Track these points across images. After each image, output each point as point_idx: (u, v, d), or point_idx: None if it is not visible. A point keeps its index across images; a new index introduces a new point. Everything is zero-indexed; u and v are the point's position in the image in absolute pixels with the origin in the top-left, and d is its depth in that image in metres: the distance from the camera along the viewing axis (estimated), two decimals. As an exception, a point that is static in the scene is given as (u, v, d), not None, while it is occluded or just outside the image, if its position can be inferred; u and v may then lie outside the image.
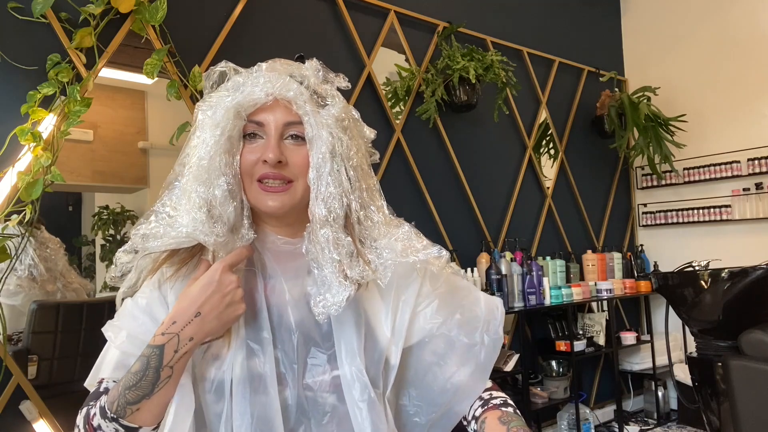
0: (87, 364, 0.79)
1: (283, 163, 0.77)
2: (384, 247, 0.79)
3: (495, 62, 2.91)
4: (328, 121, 0.78)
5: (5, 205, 1.72)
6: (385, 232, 0.81)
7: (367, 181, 0.83)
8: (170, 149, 2.09)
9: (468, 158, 3.11)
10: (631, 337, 3.41)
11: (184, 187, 0.77)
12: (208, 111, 0.78)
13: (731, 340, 2.23)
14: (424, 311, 0.85)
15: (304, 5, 2.58)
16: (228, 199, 0.76)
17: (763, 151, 3.42)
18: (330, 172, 0.77)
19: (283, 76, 0.79)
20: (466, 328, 0.86)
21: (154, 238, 0.76)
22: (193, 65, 2.12)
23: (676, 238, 3.86)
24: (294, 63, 0.84)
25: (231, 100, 0.77)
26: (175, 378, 0.72)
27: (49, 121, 1.78)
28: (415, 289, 0.85)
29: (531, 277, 2.92)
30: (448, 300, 0.87)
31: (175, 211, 0.77)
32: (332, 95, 0.82)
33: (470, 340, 0.86)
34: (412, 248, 0.80)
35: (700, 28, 3.77)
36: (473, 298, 0.90)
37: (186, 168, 0.78)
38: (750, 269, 2.22)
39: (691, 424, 3.32)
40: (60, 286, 1.93)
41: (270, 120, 0.78)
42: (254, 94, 0.77)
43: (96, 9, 1.87)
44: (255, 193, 0.78)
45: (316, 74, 0.82)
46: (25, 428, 1.73)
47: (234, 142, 0.77)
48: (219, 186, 0.75)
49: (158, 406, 0.72)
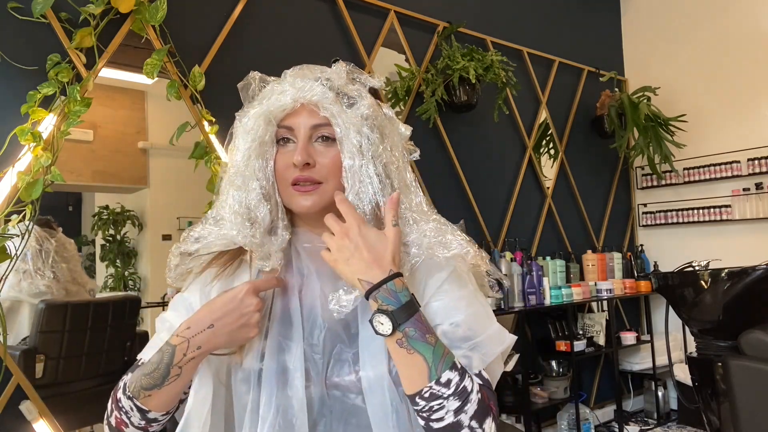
0: (92, 364, 0.82)
1: (311, 165, 0.80)
2: (412, 243, 0.80)
3: (495, 62, 2.91)
4: (355, 120, 0.80)
5: (5, 205, 1.72)
6: (415, 228, 0.81)
7: (402, 176, 0.84)
8: (170, 149, 2.09)
9: (468, 158, 3.11)
10: (631, 337, 3.41)
11: (224, 192, 0.83)
12: (241, 120, 0.84)
13: (731, 340, 2.23)
14: (431, 304, 0.81)
15: (304, 5, 2.58)
16: (262, 201, 0.80)
17: (763, 151, 3.42)
18: (359, 171, 0.79)
19: (307, 80, 0.81)
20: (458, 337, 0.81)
21: (202, 241, 0.82)
22: (193, 65, 2.12)
23: (676, 238, 3.86)
24: (320, 67, 0.86)
25: (260, 107, 0.81)
26: (183, 377, 0.76)
27: (49, 121, 1.78)
28: (440, 279, 0.81)
29: (531, 277, 2.92)
30: (458, 305, 0.80)
31: (219, 216, 0.82)
32: (360, 94, 0.83)
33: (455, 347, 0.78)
34: (440, 244, 0.79)
35: (700, 28, 3.77)
36: (484, 317, 0.82)
37: (227, 175, 0.84)
38: (750, 269, 2.22)
39: (691, 424, 3.32)
40: (80, 287, 1.97)
41: (298, 124, 0.81)
42: (281, 101, 0.80)
43: (96, 9, 1.87)
44: (289, 195, 0.82)
45: (342, 75, 0.84)
46: (25, 428, 1.73)
47: (267, 148, 0.81)
48: (253, 189, 0.80)
49: (167, 396, 0.77)
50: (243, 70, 0.89)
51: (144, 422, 0.78)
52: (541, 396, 2.90)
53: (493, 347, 0.78)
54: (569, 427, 3.01)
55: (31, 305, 1.83)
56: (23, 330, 1.83)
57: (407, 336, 0.71)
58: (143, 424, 0.78)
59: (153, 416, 0.78)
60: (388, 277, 0.73)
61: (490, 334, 0.79)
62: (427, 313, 0.77)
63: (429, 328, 0.73)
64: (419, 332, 0.71)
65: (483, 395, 0.72)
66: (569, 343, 3.00)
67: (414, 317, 0.72)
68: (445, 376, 0.70)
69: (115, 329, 1.98)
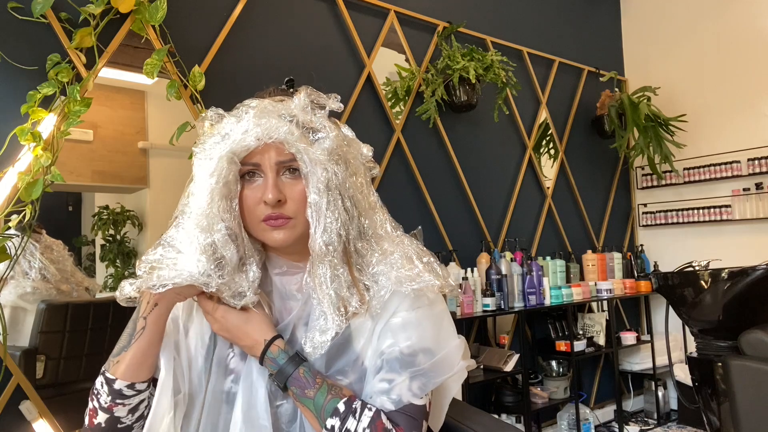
0: (92, 364, 0.83)
1: (282, 201, 0.81)
2: (380, 273, 0.83)
3: (495, 62, 2.91)
4: (321, 156, 0.81)
5: (5, 205, 1.72)
6: (380, 258, 0.84)
7: (368, 200, 0.87)
8: (170, 149, 2.09)
9: (468, 158, 3.11)
10: (631, 337, 3.41)
11: (188, 231, 0.81)
12: (203, 161, 0.82)
13: (731, 340, 2.23)
14: (391, 321, 0.82)
15: (304, 5, 2.58)
16: (228, 242, 0.80)
17: (763, 151, 3.42)
18: (327, 207, 0.80)
19: (271, 117, 0.80)
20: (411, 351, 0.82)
21: (164, 269, 0.79)
22: (193, 65, 2.12)
23: (676, 238, 3.86)
24: (282, 99, 0.85)
25: (223, 147, 0.80)
26: (148, 331, 0.80)
27: (49, 121, 1.78)
28: (396, 304, 0.83)
29: (531, 277, 2.92)
30: (418, 323, 0.83)
31: (180, 251, 0.81)
32: (324, 126, 0.83)
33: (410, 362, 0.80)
34: (407, 276, 0.81)
35: (700, 28, 3.77)
36: (445, 338, 0.84)
37: (187, 214, 0.82)
38: (750, 269, 2.22)
39: (691, 424, 3.32)
40: (73, 285, 1.96)
41: (264, 160, 0.81)
42: (245, 141, 0.79)
43: (96, 9, 1.87)
44: (261, 230, 0.83)
45: (305, 108, 0.84)
46: (25, 428, 1.73)
47: (231, 187, 0.81)
48: (218, 231, 0.80)
49: (133, 358, 0.80)
50: (243, 70, 0.90)
51: (110, 398, 0.80)
52: (541, 396, 2.90)
53: (436, 376, 0.81)
54: (569, 427, 3.01)
55: (21, 308, 1.82)
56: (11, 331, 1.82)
57: (293, 393, 0.79)
58: (109, 401, 0.80)
59: (118, 387, 0.79)
60: (265, 348, 0.80)
61: (437, 361, 0.81)
62: (388, 328, 0.81)
63: (309, 382, 0.78)
64: (299, 389, 0.78)
65: (378, 428, 0.76)
66: (569, 343, 3.00)
67: (293, 375, 0.79)
68: (329, 422, 0.77)
69: (116, 329, 1.98)
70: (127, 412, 0.81)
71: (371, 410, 0.77)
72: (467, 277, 2.73)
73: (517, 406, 2.81)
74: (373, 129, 2.75)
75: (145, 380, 0.81)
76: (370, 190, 0.89)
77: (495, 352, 2.81)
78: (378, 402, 0.79)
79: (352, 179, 0.84)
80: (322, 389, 0.78)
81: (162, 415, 0.80)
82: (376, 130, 2.76)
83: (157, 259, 0.80)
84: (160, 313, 0.80)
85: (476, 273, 2.82)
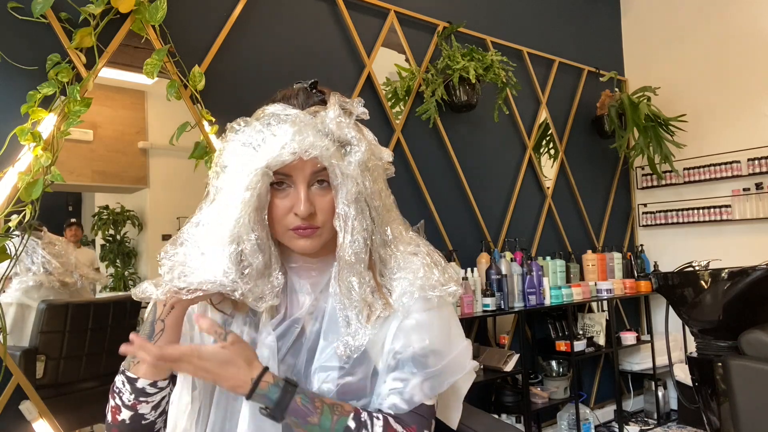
0: (92, 364, 0.83)
1: (313, 213, 0.83)
2: (401, 279, 0.85)
3: (495, 62, 2.91)
4: (354, 170, 0.82)
5: (5, 205, 1.72)
6: (402, 264, 0.87)
7: (386, 203, 0.89)
8: (170, 149, 2.09)
9: (468, 158, 3.11)
10: (631, 337, 3.41)
11: (215, 235, 0.81)
12: (238, 173, 0.81)
13: (731, 340, 2.23)
14: (404, 322, 0.84)
15: (304, 5, 2.58)
16: (257, 251, 0.82)
17: (763, 151, 3.42)
18: (355, 218, 0.82)
19: (309, 133, 0.80)
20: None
21: (189, 275, 0.80)
22: (193, 65, 2.12)
23: (676, 238, 3.86)
24: (317, 111, 0.84)
25: (259, 160, 0.79)
26: (166, 334, 0.81)
27: (49, 121, 1.78)
28: (408, 305, 0.86)
29: (531, 277, 2.92)
30: (431, 325, 0.85)
31: (203, 252, 0.81)
32: (355, 137, 0.84)
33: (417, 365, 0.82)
34: (430, 284, 0.85)
35: (700, 28, 3.77)
36: (454, 340, 0.87)
37: (216, 216, 0.82)
38: (750, 269, 2.22)
39: (691, 424, 3.32)
40: (77, 277, 1.97)
41: (298, 172, 0.82)
42: (282, 156, 0.79)
43: (96, 9, 1.87)
44: (288, 238, 0.85)
45: (339, 121, 0.83)
46: (25, 428, 1.73)
47: (262, 198, 0.82)
48: (249, 240, 0.81)
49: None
50: (243, 70, 0.90)
51: (133, 396, 0.82)
52: (541, 396, 2.90)
53: (448, 378, 0.83)
54: (569, 427, 3.01)
55: (26, 305, 1.83)
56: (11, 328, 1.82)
57: (293, 422, 0.77)
58: (132, 399, 0.82)
59: (141, 385, 0.82)
60: (253, 385, 0.76)
61: (448, 363, 0.83)
62: (401, 329, 0.83)
63: (309, 409, 0.76)
64: (300, 419, 0.76)
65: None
66: (569, 343, 3.00)
67: (290, 407, 0.76)
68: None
69: (116, 329, 1.98)
70: (150, 408, 0.83)
71: (379, 418, 0.79)
72: (467, 277, 2.73)
73: (517, 406, 2.81)
74: (373, 129, 2.71)
75: (166, 377, 0.84)
76: (388, 191, 0.91)
77: (495, 352, 2.81)
78: (390, 401, 0.81)
79: (375, 186, 0.86)
80: (325, 413, 0.77)
81: (183, 410, 0.82)
82: (376, 130, 2.73)
83: (180, 261, 0.81)
84: (177, 316, 0.82)
85: (476, 273, 2.82)
